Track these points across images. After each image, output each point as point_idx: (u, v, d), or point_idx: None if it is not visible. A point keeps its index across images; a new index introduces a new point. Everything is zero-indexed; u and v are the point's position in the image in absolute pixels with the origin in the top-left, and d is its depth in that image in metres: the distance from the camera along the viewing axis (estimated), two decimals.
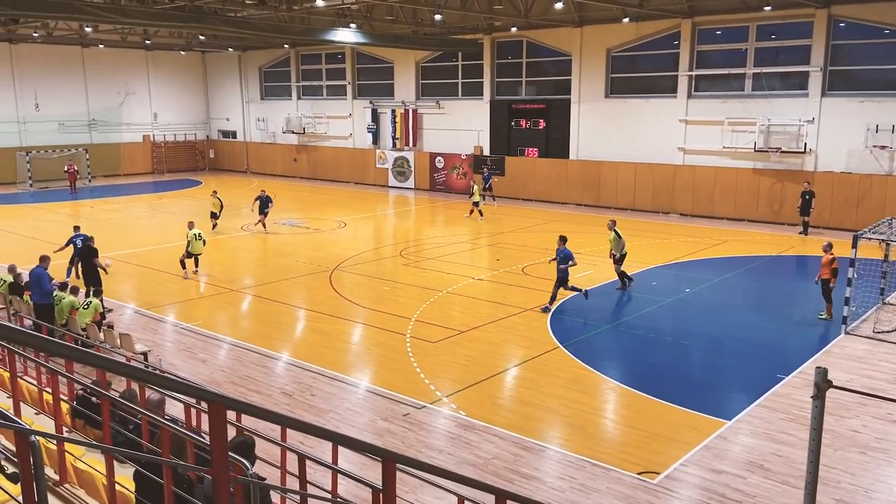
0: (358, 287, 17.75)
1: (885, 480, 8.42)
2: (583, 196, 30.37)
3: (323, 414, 10.36)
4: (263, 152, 44.01)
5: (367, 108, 38.07)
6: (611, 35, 28.99)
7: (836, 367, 11.76)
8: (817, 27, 24.26)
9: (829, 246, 14.62)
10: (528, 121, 32.27)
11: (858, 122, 23.70)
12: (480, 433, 9.65)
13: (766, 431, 9.62)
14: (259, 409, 3.40)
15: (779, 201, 25.69)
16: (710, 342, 13.66)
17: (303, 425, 3.57)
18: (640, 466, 8.72)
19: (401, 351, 12.94)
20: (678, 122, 27.68)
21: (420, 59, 35.72)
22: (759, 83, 25.96)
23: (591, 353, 12.75)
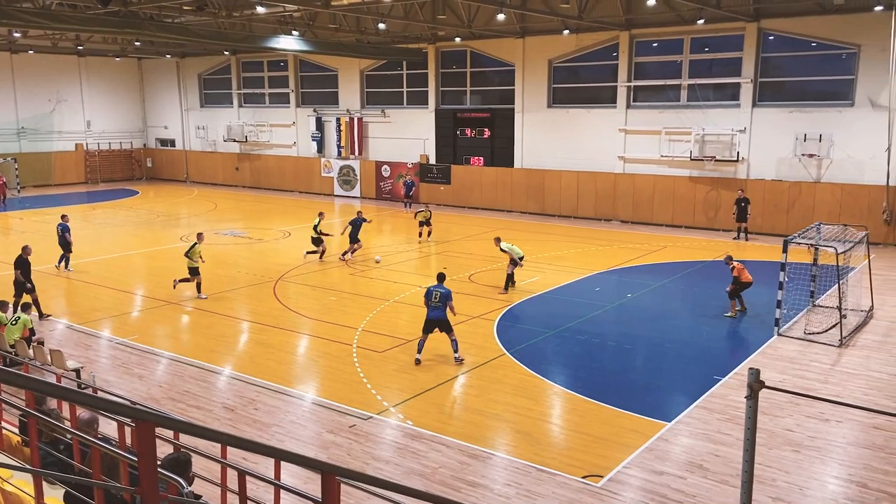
0: (303, 297, 17.51)
1: (819, 478, 8.73)
2: (528, 204, 30.74)
3: (266, 428, 10.16)
4: (204, 161, 43.11)
5: (312, 116, 37.72)
6: (552, 46, 29.50)
7: (769, 368, 12.18)
8: (748, 40, 25.21)
9: (730, 258, 15.84)
10: (474, 130, 32.51)
11: (787, 132, 24.71)
12: (428, 442, 9.63)
13: (704, 432, 9.88)
14: (188, 425, 3.30)
15: (714, 208, 26.52)
16: (651, 346, 13.98)
17: (234, 440, 3.48)
18: (584, 470, 8.84)
19: (347, 362, 12.81)
20: (618, 131, 28.33)
21: (365, 67, 35.63)
22: (693, 94, 26.80)
23: (537, 360, 12.88)
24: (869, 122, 23.27)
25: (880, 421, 9.95)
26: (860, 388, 11.49)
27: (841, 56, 24.05)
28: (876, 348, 13.35)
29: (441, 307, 12.53)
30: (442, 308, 12.54)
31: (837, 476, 8.76)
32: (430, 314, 12.60)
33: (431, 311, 12.57)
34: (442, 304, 12.55)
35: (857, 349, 13.31)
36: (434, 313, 12.55)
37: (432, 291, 12.65)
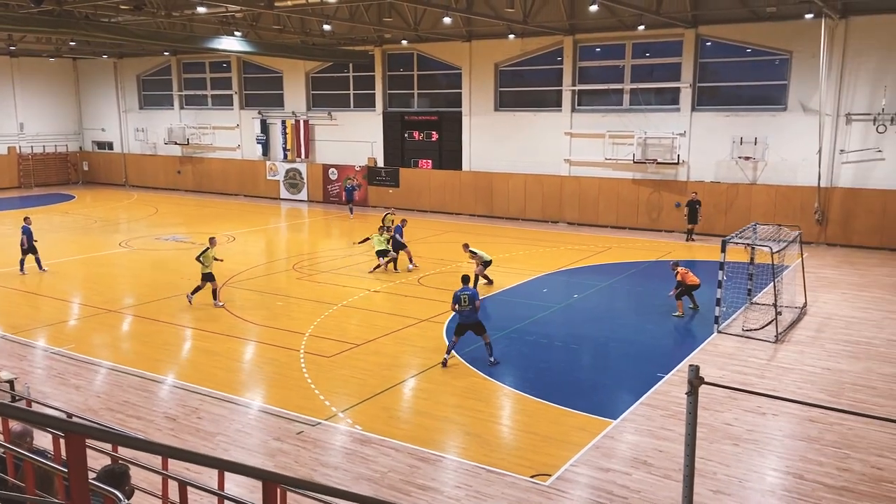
0: (249, 303, 17.21)
1: (757, 470, 9.02)
2: (476, 207, 30.91)
3: (211, 437, 9.94)
4: (144, 164, 41.95)
5: (256, 118, 37.13)
6: (498, 50, 29.77)
7: (709, 365, 12.54)
8: (686, 46, 25.94)
9: (675, 264, 16.39)
10: (422, 133, 32.53)
11: (725, 135, 25.51)
12: (377, 447, 9.58)
13: (648, 428, 10.10)
14: (121, 437, 3.21)
15: (656, 210, 27.17)
16: (598, 345, 14.22)
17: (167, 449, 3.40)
18: (532, 470, 8.93)
19: (294, 367, 12.64)
20: (563, 134, 28.76)
21: (310, 69, 35.27)
22: (636, 98, 27.42)
23: (486, 361, 12.93)
24: (801, 126, 24.21)
25: (814, 413, 10.35)
26: (795, 381, 11.93)
27: (774, 62, 24.96)
28: (809, 343, 13.88)
29: (471, 309, 12.71)
30: (473, 310, 12.72)
31: (775, 468, 9.07)
32: (462, 318, 12.79)
33: (462, 314, 12.76)
34: (472, 306, 12.72)
35: (792, 344, 13.82)
36: (466, 317, 12.72)
37: (460, 296, 12.76)
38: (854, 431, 9.86)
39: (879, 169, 23.30)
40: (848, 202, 23.87)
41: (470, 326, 12.76)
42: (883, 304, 16.67)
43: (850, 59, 23.24)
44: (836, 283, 18.81)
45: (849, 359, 12.97)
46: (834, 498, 8.25)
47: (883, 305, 16.59)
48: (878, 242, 23.42)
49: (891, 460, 9.08)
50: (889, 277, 19.60)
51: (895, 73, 22.56)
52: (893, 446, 9.42)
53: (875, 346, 13.64)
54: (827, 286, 18.38)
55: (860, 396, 11.27)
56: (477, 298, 12.85)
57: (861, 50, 23.04)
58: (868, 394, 11.38)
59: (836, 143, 23.77)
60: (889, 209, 23.18)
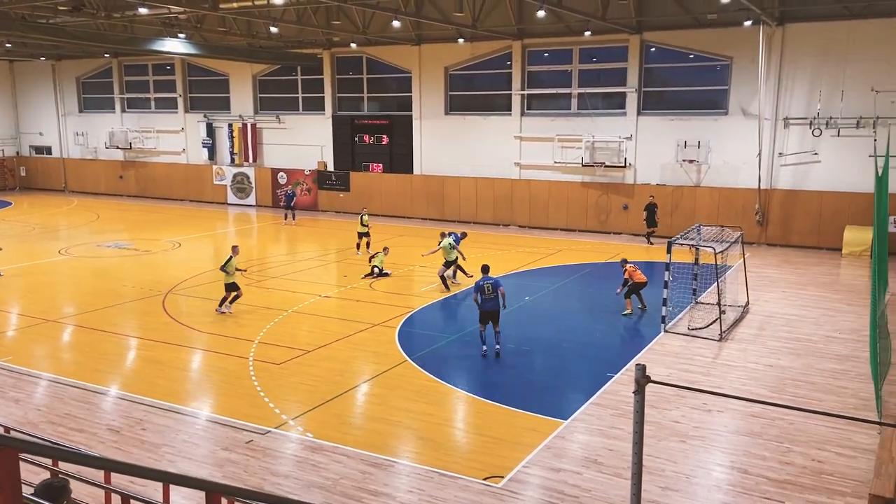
0: (195, 310, 16.82)
1: (704, 466, 9.23)
2: (428, 210, 30.90)
3: (156, 449, 9.66)
4: (84, 169, 40.67)
5: (202, 122, 36.39)
6: (448, 54, 29.86)
7: (656, 364, 12.79)
8: (631, 51, 26.48)
9: (625, 261, 16.70)
10: (372, 136, 32.38)
11: (670, 139, 26.11)
12: (328, 454, 9.45)
13: (598, 428, 10.24)
14: (56, 450, 3.08)
15: (605, 212, 27.63)
16: (549, 346, 14.34)
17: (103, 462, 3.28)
18: (485, 472, 8.94)
19: (243, 375, 12.40)
20: (513, 138, 29.00)
21: (257, 72, 34.75)
22: (583, 102, 27.84)
23: (438, 365, 12.93)
24: (742, 130, 24.95)
25: (757, 409, 10.64)
26: (739, 378, 12.26)
27: (716, 67, 25.68)
28: (752, 341, 14.29)
29: (494, 297, 13.06)
30: (495, 298, 13.07)
31: (721, 463, 9.28)
32: (484, 306, 13.08)
33: (486, 302, 13.05)
34: (495, 294, 13.06)
35: (736, 342, 14.20)
36: (488, 305, 13.06)
37: (483, 285, 13.09)
38: (795, 426, 10.17)
39: (816, 171, 24.19)
40: (787, 203, 24.69)
41: (491, 315, 13.08)
42: (821, 302, 17.28)
43: (786, 65, 24.08)
44: (776, 282, 19.41)
45: (789, 355, 13.39)
46: (777, 491, 8.49)
47: (821, 303, 17.20)
48: (815, 242, 24.28)
49: (830, 453, 9.39)
50: (826, 276, 20.34)
51: (829, 79, 23.46)
52: (833, 439, 9.75)
53: (814, 343, 14.12)
54: (768, 285, 18.96)
55: (801, 392, 11.64)
56: (500, 285, 13.21)
57: (797, 56, 23.89)
58: (808, 389, 11.76)
59: (774, 146, 24.57)
60: (825, 210, 24.07)
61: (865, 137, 22.81)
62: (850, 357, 13.24)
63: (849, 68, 23.10)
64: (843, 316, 16.04)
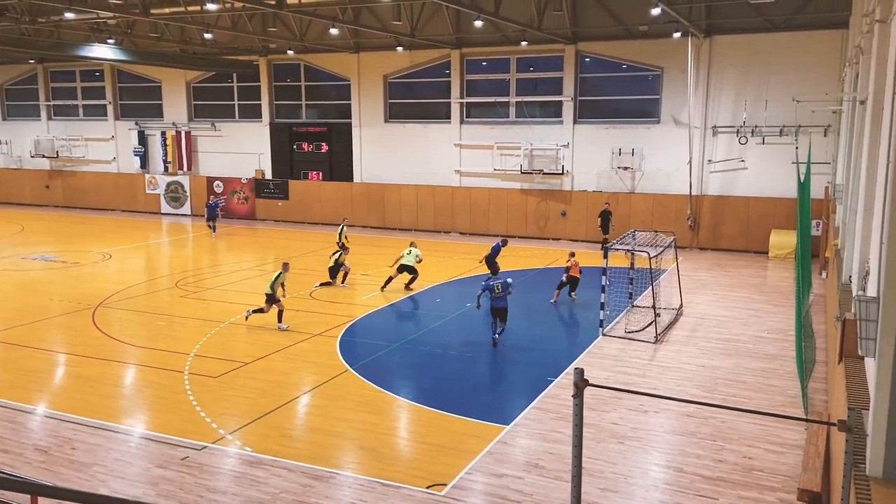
0: (127, 324, 16.26)
1: (642, 465, 9.43)
2: (368, 218, 30.74)
3: (86, 469, 9.28)
4: (7, 179, 38.87)
5: (133, 129, 35.33)
6: (387, 62, 29.84)
7: (595, 367, 13.03)
8: (567, 61, 27.02)
9: (573, 254, 18.14)
10: (311, 144, 32.05)
11: (605, 147, 26.74)
12: (268, 468, 9.26)
13: (539, 432, 10.35)
14: None
15: (544, 218, 28.05)
16: (490, 352, 14.42)
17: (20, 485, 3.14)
18: (428, 480, 8.92)
19: (178, 390, 12.04)
20: (453, 146, 29.18)
21: (191, 79, 33.96)
22: (521, 111, 28.25)
23: (381, 373, 12.86)
24: (673, 138, 25.76)
25: (692, 409, 10.96)
26: (674, 379, 12.60)
27: (648, 77, 26.46)
28: (685, 342, 14.72)
29: (504, 296, 14.11)
30: (505, 297, 14.11)
31: (657, 463, 9.51)
32: (495, 304, 14.17)
33: (496, 300, 14.14)
34: (505, 293, 14.09)
35: (671, 344, 14.60)
36: (499, 303, 14.14)
37: (493, 284, 14.18)
38: (727, 424, 10.52)
39: (743, 178, 25.16)
40: (717, 209, 25.59)
41: (500, 312, 14.13)
42: (749, 304, 17.95)
43: (714, 76, 25.01)
44: (707, 285, 20.07)
45: (721, 356, 13.85)
46: (711, 488, 8.75)
47: (749, 304, 17.86)
48: (743, 246, 25.23)
49: (760, 450, 9.74)
50: (754, 278, 21.15)
51: (754, 89, 24.47)
52: (763, 436, 10.12)
53: (744, 343, 14.64)
54: (700, 288, 19.58)
55: (732, 391, 12.05)
56: (510, 285, 14.24)
57: (724, 67, 24.84)
58: (739, 388, 12.18)
59: (704, 153, 25.46)
60: (752, 215, 25.05)
61: (788, 145, 23.87)
62: (778, 356, 13.78)
63: (772, 79, 24.16)
64: (770, 316, 16.70)
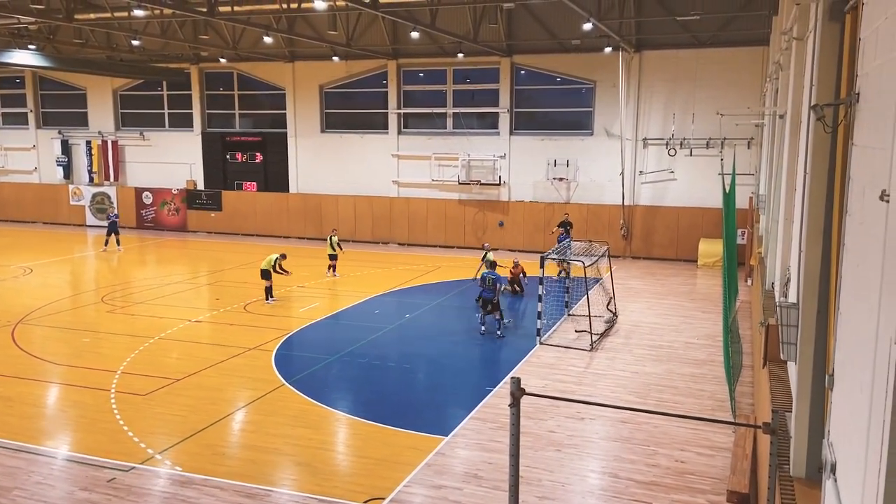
0: (49, 341, 15.53)
1: (579, 472, 9.55)
2: (305, 229, 30.32)
3: (6, 493, 8.77)
4: None
5: (56, 138, 33.92)
6: (323, 72, 29.60)
7: (532, 375, 13.15)
8: (503, 73, 27.39)
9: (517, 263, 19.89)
10: (245, 154, 31.44)
11: (541, 158, 27.18)
12: (199, 488, 8.96)
13: (478, 442, 10.36)
14: None
15: (482, 229, 28.26)
16: (429, 363, 14.40)
17: None
18: (366, 494, 8.80)
19: (104, 409, 11.55)
20: (391, 156, 29.12)
21: (118, 86, 32.88)
22: (458, 122, 28.45)
23: (318, 387, 12.65)
24: (606, 150, 26.39)
25: (626, 415, 11.18)
26: (609, 386, 12.84)
27: (581, 90, 27.06)
28: (620, 350, 15.03)
29: (492, 289, 15.70)
30: (493, 290, 15.68)
31: (593, 469, 9.65)
32: (483, 294, 15.87)
33: (485, 291, 15.84)
34: (494, 287, 15.69)
35: (605, 352, 14.88)
36: (486, 294, 15.79)
37: (486, 276, 15.89)
38: (660, 429, 10.76)
39: (673, 188, 25.96)
40: (648, 218, 26.32)
41: (488, 301, 15.74)
42: (680, 311, 18.49)
43: (644, 89, 25.77)
44: (640, 293, 20.58)
45: (653, 362, 14.20)
46: (644, 493, 8.92)
47: (680, 311, 18.40)
48: (674, 254, 26.01)
49: (691, 453, 10.00)
50: (684, 286, 21.81)
51: (682, 102, 25.33)
52: (693, 440, 10.40)
53: (675, 349, 15.05)
54: (633, 296, 20.06)
55: (664, 396, 12.35)
56: (500, 283, 15.95)
57: (653, 81, 25.64)
58: (671, 393, 12.50)
59: (636, 165, 26.16)
60: (682, 224, 25.86)
61: (715, 157, 24.77)
62: (707, 361, 14.23)
63: (698, 93, 25.06)
64: (699, 322, 17.24)
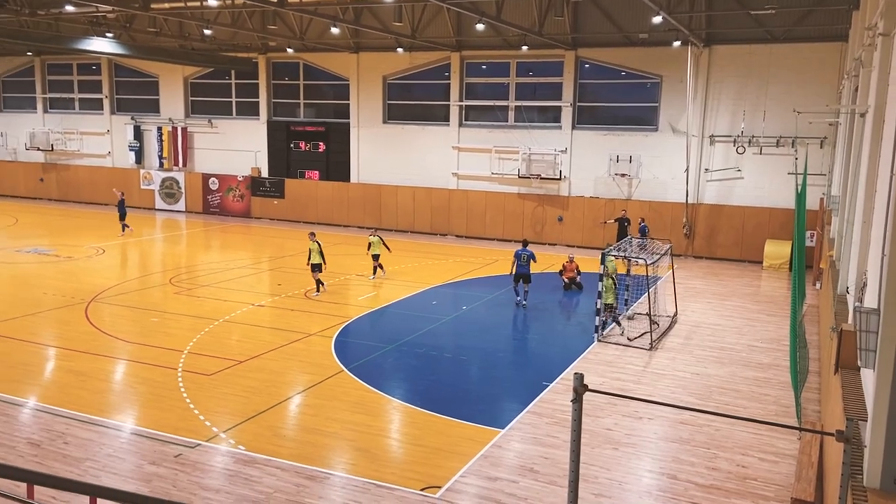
0: (120, 320, 16.18)
1: (635, 472, 9.44)
2: (364, 219, 30.69)
3: (79, 463, 9.22)
4: (2, 171, 38.66)
5: (129, 124, 35.19)
6: (386, 63, 29.83)
7: (590, 372, 13.03)
8: (567, 67, 27.08)
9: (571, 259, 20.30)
10: (308, 143, 31.99)
11: (603, 153, 26.79)
12: (261, 467, 9.22)
13: (534, 436, 10.34)
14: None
15: (540, 223, 28.07)
16: (485, 356, 14.43)
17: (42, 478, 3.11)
18: (422, 482, 8.90)
19: (171, 387, 11.98)
20: (451, 148, 29.18)
21: (189, 74, 33.88)
22: (520, 115, 28.28)
23: (375, 375, 12.83)
24: (671, 146, 25.84)
25: (686, 416, 10.98)
26: (668, 386, 12.62)
27: (646, 85, 26.54)
28: (680, 350, 14.75)
29: (527, 265, 17.65)
30: (528, 265, 17.64)
31: (651, 470, 9.52)
32: (518, 270, 17.71)
33: (520, 267, 17.67)
34: (528, 263, 17.62)
35: (665, 351, 14.62)
36: (522, 269, 17.65)
37: (521, 254, 17.67)
38: (721, 432, 10.53)
39: (739, 187, 25.24)
40: (712, 217, 25.67)
41: (523, 276, 17.62)
42: (743, 313, 18.00)
43: (713, 85, 25.10)
44: (702, 293, 20.12)
45: (715, 364, 13.88)
46: (704, 496, 8.75)
47: (743, 313, 17.91)
48: (738, 255, 25.31)
49: (754, 458, 9.76)
50: (748, 287, 21.21)
51: (752, 99, 24.56)
52: (756, 445, 10.14)
53: (738, 352, 14.68)
54: (694, 296, 19.63)
55: (726, 399, 12.07)
56: (534, 259, 17.85)
57: (723, 76, 24.93)
58: (733, 396, 12.21)
59: (701, 162, 25.53)
60: (747, 224, 25.14)
61: (785, 156, 23.97)
62: (772, 365, 13.82)
63: (770, 89, 24.26)
64: (763, 325, 16.75)
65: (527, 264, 17.66)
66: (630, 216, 25.32)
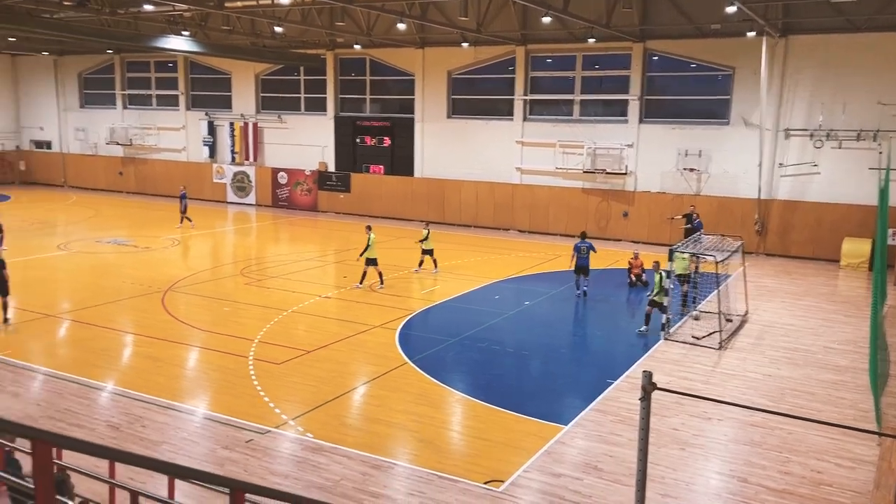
0: (194, 308, 16.80)
1: (702, 473, 9.24)
2: (428, 213, 30.88)
3: (155, 446, 9.65)
4: (83, 165, 40.61)
5: (203, 119, 36.39)
6: (451, 58, 29.91)
7: (656, 371, 12.66)
8: (634, 60, 26.54)
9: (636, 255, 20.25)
10: (374, 138, 32.40)
11: (671, 147, 26.17)
12: (329, 455, 9.45)
13: (598, 434, 10.24)
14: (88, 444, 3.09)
15: (605, 218, 27.66)
16: (548, 351, 14.36)
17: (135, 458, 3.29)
18: (486, 476, 8.94)
19: (242, 374, 12.38)
20: (515, 143, 29.05)
21: (260, 71, 34.77)
22: (585, 109, 27.90)
23: (439, 367, 12.94)
24: (742, 140, 25.03)
25: (757, 418, 10.66)
26: (738, 387, 12.28)
27: (717, 77, 25.76)
28: (751, 350, 14.31)
29: (587, 256, 17.83)
30: (587, 257, 17.83)
31: (720, 472, 9.30)
32: (579, 262, 17.92)
33: (580, 259, 17.90)
34: (587, 254, 17.80)
35: (735, 351, 14.22)
36: (582, 261, 17.89)
37: (580, 246, 17.92)
38: (794, 436, 10.19)
39: (815, 183, 24.25)
40: (786, 214, 24.76)
41: (583, 269, 17.85)
42: (819, 313, 17.32)
43: (789, 77, 24.16)
44: (774, 292, 19.46)
45: (789, 365, 13.42)
46: (776, 500, 8.50)
47: (819, 314, 17.24)
48: (812, 253, 24.35)
49: (829, 464, 9.41)
50: (824, 287, 20.40)
51: (831, 91, 23.54)
52: (832, 450, 9.77)
53: (813, 353, 14.14)
54: (766, 295, 19.00)
55: (800, 402, 11.66)
56: (594, 250, 18.01)
57: (800, 68, 23.97)
58: (807, 399, 11.79)
59: (775, 157, 24.64)
60: (823, 222, 24.14)
61: (866, 150, 22.90)
62: (849, 368, 13.27)
63: (850, 80, 23.19)
64: (840, 327, 16.08)
65: (586, 256, 17.79)
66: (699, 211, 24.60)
